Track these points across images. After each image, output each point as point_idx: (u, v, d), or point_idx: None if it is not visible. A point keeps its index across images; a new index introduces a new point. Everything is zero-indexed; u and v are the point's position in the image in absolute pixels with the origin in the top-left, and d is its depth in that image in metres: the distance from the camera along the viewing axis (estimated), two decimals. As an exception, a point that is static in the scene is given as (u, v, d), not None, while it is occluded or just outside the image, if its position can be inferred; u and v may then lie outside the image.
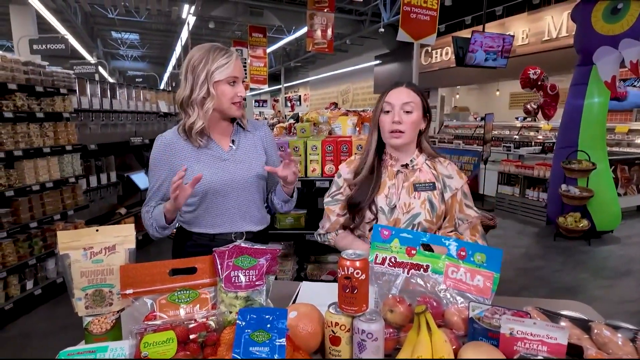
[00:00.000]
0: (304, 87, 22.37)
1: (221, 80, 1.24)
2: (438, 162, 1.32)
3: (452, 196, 1.26)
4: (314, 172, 1.79)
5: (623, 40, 3.83)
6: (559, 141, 4.80)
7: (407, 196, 1.25)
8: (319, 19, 9.30)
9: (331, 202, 1.36)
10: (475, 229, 1.27)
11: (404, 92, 1.25)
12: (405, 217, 1.24)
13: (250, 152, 1.38)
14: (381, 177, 1.29)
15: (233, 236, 1.34)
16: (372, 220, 1.26)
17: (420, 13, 5.08)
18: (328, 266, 1.92)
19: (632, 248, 4.22)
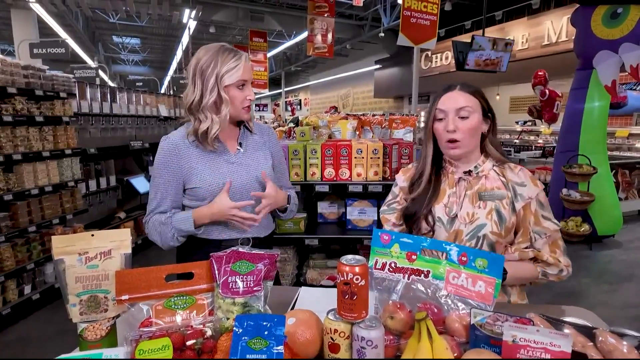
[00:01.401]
0: (305, 92, 22.43)
1: (231, 84, 1.22)
2: (508, 168, 1.17)
3: (524, 206, 1.12)
4: (313, 176, 1.78)
5: (623, 45, 3.83)
6: (559, 145, 4.79)
7: (471, 205, 1.13)
8: (319, 24, 9.34)
9: (387, 211, 1.28)
10: (555, 244, 1.12)
11: (457, 96, 1.12)
12: (468, 229, 1.12)
13: (257, 155, 1.36)
14: (440, 185, 1.18)
15: (240, 242, 1.32)
16: (429, 232, 1.16)
17: (420, 18, 5.10)
18: (328, 271, 1.91)
19: (634, 253, 4.20)
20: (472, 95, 1.13)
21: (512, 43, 6.69)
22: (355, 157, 1.77)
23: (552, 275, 1.11)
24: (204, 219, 1.25)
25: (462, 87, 1.14)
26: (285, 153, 1.75)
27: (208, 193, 1.25)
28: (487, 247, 1.10)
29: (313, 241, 1.76)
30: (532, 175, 1.15)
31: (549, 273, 1.10)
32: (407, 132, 2.22)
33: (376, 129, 2.57)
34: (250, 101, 1.27)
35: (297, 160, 1.75)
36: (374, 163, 1.78)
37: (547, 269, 1.10)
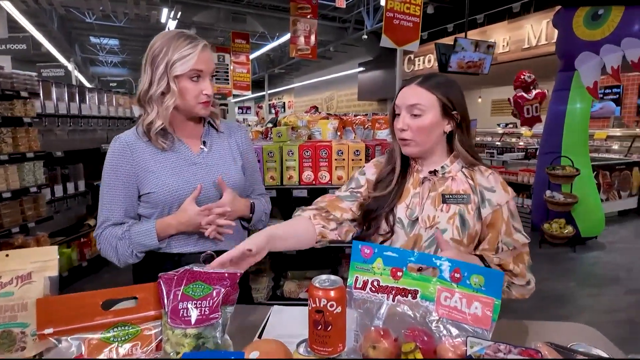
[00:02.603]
0: (289, 94, 22.29)
1: (183, 74, 1.07)
2: (478, 171, 1.07)
3: (492, 213, 1.02)
4: (290, 179, 1.64)
5: (604, 46, 3.83)
6: (542, 147, 4.78)
7: (433, 208, 1.03)
8: (302, 25, 9.25)
9: (348, 197, 1.13)
10: (520, 258, 1.01)
11: (411, 92, 1.03)
12: (428, 233, 1.03)
13: (224, 156, 1.21)
14: (405, 184, 1.09)
15: (202, 259, 1.17)
16: (387, 233, 1.06)
17: (403, 19, 5.04)
18: (306, 282, 1.76)
19: (617, 254, 4.20)
20: (429, 91, 1.02)
21: (494, 45, 6.72)
22: (335, 159, 1.64)
23: (517, 287, 0.99)
24: (169, 230, 1.10)
25: (421, 81, 1.04)
26: (260, 155, 1.61)
27: (164, 199, 1.10)
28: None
29: (290, 251, 1.63)
30: (503, 181, 1.06)
31: (515, 284, 0.99)
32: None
33: (358, 129, 2.46)
34: (208, 97, 1.12)
35: (272, 163, 1.61)
36: (356, 165, 1.66)
37: (514, 279, 0.98)
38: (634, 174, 5.70)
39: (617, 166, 5.56)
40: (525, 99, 5.61)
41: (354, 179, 1.18)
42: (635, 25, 3.57)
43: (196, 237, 1.15)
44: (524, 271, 1.00)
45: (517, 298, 1.02)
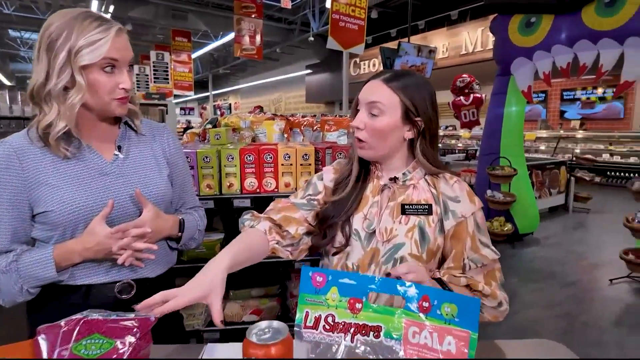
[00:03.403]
0: (235, 95, 21.73)
1: (92, 64, 0.85)
2: (442, 178, 0.96)
3: (456, 226, 0.92)
4: (230, 187, 1.46)
5: (536, 52, 4.04)
6: (482, 148, 4.97)
7: (391, 220, 0.92)
8: (246, 25, 9.01)
9: (305, 205, 0.99)
10: (492, 276, 0.92)
11: (374, 88, 0.92)
12: (385, 248, 0.91)
13: (146, 163, 1.01)
14: (364, 191, 0.97)
15: (117, 290, 0.96)
16: (342, 246, 0.94)
17: (348, 22, 5.04)
18: (252, 302, 1.58)
19: (551, 249, 4.46)
20: (393, 91, 0.91)
21: (435, 50, 6.95)
22: (282, 164, 1.49)
23: (489, 309, 0.89)
24: (72, 257, 0.88)
25: (388, 78, 0.92)
26: (194, 160, 1.41)
27: (66, 219, 0.88)
28: None
29: (232, 268, 1.44)
30: (470, 190, 0.95)
31: (486, 305, 0.89)
32: (341, 134, 2.01)
33: (307, 131, 2.32)
34: (126, 91, 0.92)
35: (208, 169, 1.41)
36: (305, 170, 1.52)
37: (484, 300, 0.88)
38: (562, 173, 6.15)
39: (548, 165, 5.96)
40: (462, 103, 5.84)
41: (312, 184, 1.05)
42: (562, 33, 3.80)
43: (108, 264, 0.94)
44: (496, 291, 0.90)
45: (490, 321, 0.92)
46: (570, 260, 4.10)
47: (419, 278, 0.76)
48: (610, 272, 3.62)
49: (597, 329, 2.71)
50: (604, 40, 3.44)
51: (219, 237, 1.55)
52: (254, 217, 0.99)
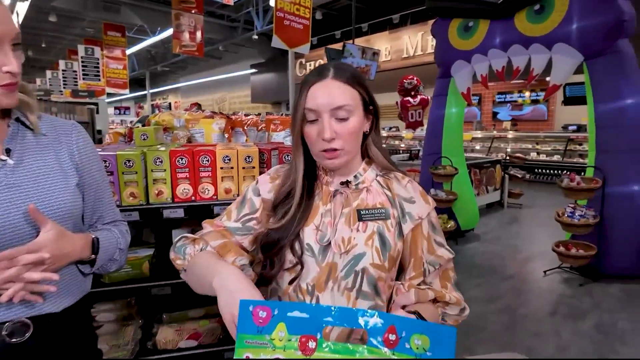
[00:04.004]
0: (175, 94, 20.73)
1: None
2: (394, 178, 0.90)
3: (413, 229, 0.86)
4: (160, 195, 1.26)
5: (474, 56, 4.21)
6: (425, 148, 5.10)
7: (348, 228, 0.83)
8: (186, 20, 8.57)
9: (240, 230, 0.87)
10: (446, 277, 0.88)
11: (332, 89, 0.81)
12: (343, 261, 0.81)
13: (46, 170, 0.81)
14: (312, 201, 0.87)
15: (5, 332, 0.75)
16: (295, 265, 0.82)
17: (293, 21, 4.94)
18: (189, 325, 1.38)
19: (490, 244, 4.67)
20: (350, 85, 0.83)
21: (379, 53, 7.06)
22: (221, 168, 1.33)
23: (452, 316, 0.86)
24: None
25: (336, 73, 0.83)
26: (113, 165, 1.20)
27: None
28: (368, 286, 0.81)
29: (164, 289, 1.25)
30: (423, 190, 0.90)
31: (449, 314, 0.85)
32: (288, 134, 1.88)
33: (251, 131, 2.17)
34: (13, 76, 0.72)
35: (132, 175, 1.21)
36: (248, 174, 1.37)
37: (447, 309, 0.85)
38: (497, 171, 6.52)
39: (484, 164, 6.28)
40: (411, 104, 5.98)
41: (247, 201, 0.90)
42: (497, 38, 3.98)
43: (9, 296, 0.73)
44: (460, 300, 0.85)
45: (452, 324, 0.88)
46: (508, 254, 4.31)
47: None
48: (543, 264, 3.85)
49: (536, 320, 2.83)
50: (535, 46, 3.65)
51: (148, 254, 1.34)
52: (195, 241, 0.86)
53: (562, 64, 3.52)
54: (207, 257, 0.80)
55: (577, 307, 3.03)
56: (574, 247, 3.48)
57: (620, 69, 3.28)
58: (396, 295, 0.83)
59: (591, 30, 3.31)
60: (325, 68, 0.83)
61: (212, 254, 0.82)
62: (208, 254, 0.82)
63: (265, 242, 0.83)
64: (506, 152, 8.37)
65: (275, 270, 0.83)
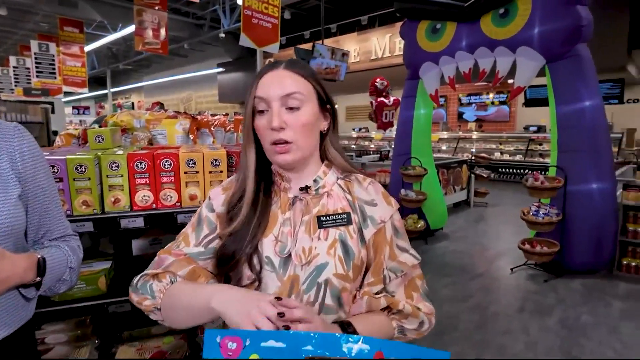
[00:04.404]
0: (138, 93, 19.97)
1: None
2: (355, 181, 0.85)
3: (376, 233, 0.80)
4: (116, 204, 1.15)
5: (442, 58, 4.27)
6: (395, 149, 5.14)
7: (308, 237, 0.77)
8: (149, 17, 8.26)
9: (202, 255, 0.79)
10: (412, 286, 0.82)
11: (283, 77, 0.77)
12: (305, 273, 0.75)
13: None
14: (269, 209, 0.80)
15: None
16: (253, 282, 0.75)
17: (262, 19, 4.84)
18: (151, 344, 1.27)
19: (459, 242, 4.76)
20: (303, 77, 0.78)
21: (348, 54, 7.07)
22: (185, 172, 1.23)
23: (411, 330, 0.80)
24: None
25: (289, 64, 0.79)
26: (63, 171, 1.08)
27: None
28: (331, 299, 0.75)
29: (123, 306, 1.13)
30: (385, 191, 0.86)
31: (406, 328, 0.79)
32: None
33: (218, 132, 2.06)
34: None
35: (84, 182, 1.09)
36: (216, 179, 1.28)
37: (404, 323, 0.79)
38: (464, 171, 6.67)
39: (452, 164, 6.41)
40: (385, 104, 6.03)
41: (203, 220, 0.83)
42: (464, 41, 4.06)
43: None
44: (418, 306, 0.80)
45: (415, 338, 0.82)
46: (476, 252, 4.41)
47: (311, 329, 0.62)
48: (510, 261, 3.96)
49: (506, 318, 2.89)
50: (500, 49, 3.75)
51: (104, 267, 1.22)
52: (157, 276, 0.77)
53: (526, 67, 3.63)
54: (188, 286, 0.73)
55: (543, 303, 3.12)
56: (538, 245, 3.60)
57: (579, 72, 3.41)
58: (352, 304, 0.79)
59: (552, 34, 3.43)
60: (278, 61, 0.80)
61: (189, 283, 0.75)
62: (185, 283, 0.75)
63: (221, 255, 0.77)
64: (471, 152, 8.62)
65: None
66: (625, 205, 3.53)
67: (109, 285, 1.19)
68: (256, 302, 0.61)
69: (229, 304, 0.63)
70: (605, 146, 3.50)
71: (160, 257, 0.80)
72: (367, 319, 0.76)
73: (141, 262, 1.44)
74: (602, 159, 3.44)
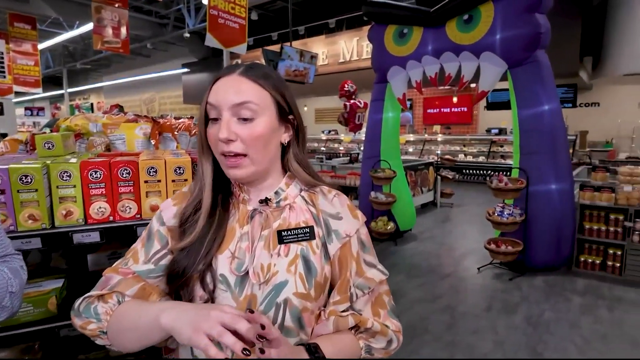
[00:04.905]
0: (97, 94, 19.09)
1: None
2: (320, 193, 0.80)
3: (342, 248, 0.76)
4: (68, 217, 1.05)
5: (409, 62, 4.33)
6: (365, 152, 5.16)
7: (267, 253, 0.72)
8: (108, 14, 7.94)
9: (152, 273, 0.72)
10: (380, 303, 0.79)
11: (235, 84, 0.70)
12: (263, 293, 0.70)
13: None
14: (227, 222, 0.74)
15: None
16: (206, 301, 0.69)
17: (228, 19, 4.75)
18: (112, 367, 1.19)
19: (426, 243, 4.84)
20: (260, 85, 0.72)
21: (317, 57, 7.06)
22: (146, 181, 1.14)
23: (379, 350, 0.78)
24: None
25: (245, 70, 0.72)
26: (5, 182, 0.97)
27: None
28: (291, 320, 0.71)
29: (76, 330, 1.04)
30: (351, 204, 0.82)
31: (374, 347, 0.77)
32: (223, 141, 1.72)
33: (182, 136, 1.96)
34: None
35: (30, 194, 0.98)
36: (179, 188, 1.20)
37: (372, 342, 0.76)
38: (430, 172, 6.82)
39: (419, 166, 6.53)
40: (358, 106, 6.06)
41: (153, 235, 0.76)
42: (430, 45, 4.14)
43: None
44: (386, 324, 0.77)
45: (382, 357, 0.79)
46: (444, 253, 4.50)
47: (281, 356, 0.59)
48: (477, 260, 4.06)
49: (474, 317, 2.95)
50: (465, 54, 3.84)
51: (55, 286, 1.11)
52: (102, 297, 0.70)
53: (489, 72, 3.74)
54: (136, 305, 0.67)
55: (509, 301, 3.21)
56: (503, 244, 3.71)
57: (539, 77, 3.55)
58: (316, 324, 0.75)
59: (513, 41, 3.55)
60: (236, 65, 0.73)
61: (137, 301, 0.68)
62: (132, 302, 0.68)
63: (171, 271, 0.70)
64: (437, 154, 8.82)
65: None
66: (582, 205, 3.71)
67: (61, 306, 1.09)
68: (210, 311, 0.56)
69: (180, 318, 0.57)
70: (564, 148, 3.67)
71: (106, 277, 0.73)
72: (333, 339, 0.72)
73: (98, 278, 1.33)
74: (560, 161, 3.60)
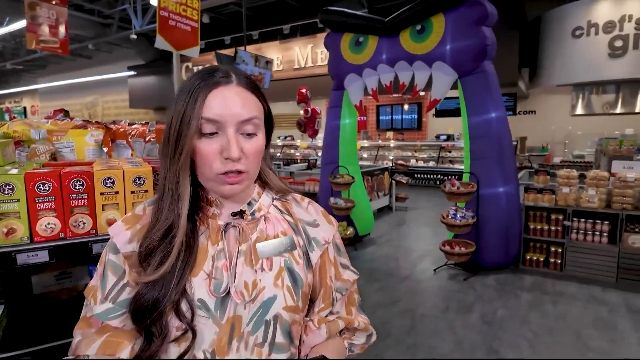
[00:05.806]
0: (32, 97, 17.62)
1: None
2: (293, 201, 0.78)
3: (322, 255, 0.76)
4: (11, 235, 0.92)
5: (365, 70, 4.42)
6: (323, 158, 5.18)
7: (251, 269, 0.67)
8: (44, 12, 7.34)
9: (113, 312, 0.64)
10: (351, 301, 0.81)
11: (239, 96, 0.65)
12: (250, 312, 0.65)
13: None
14: (197, 242, 0.67)
15: None
16: (185, 333, 0.62)
17: (180, 21, 4.57)
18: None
19: (385, 247, 4.94)
20: (256, 95, 0.69)
21: (272, 62, 7.01)
22: (102, 194, 1.04)
23: (357, 346, 0.79)
24: None
25: (242, 79, 0.68)
26: None
27: None
28: (282, 336, 0.67)
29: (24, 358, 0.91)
30: (324, 210, 0.82)
31: (355, 344, 0.78)
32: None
33: (137, 143, 1.84)
34: None
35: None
36: (139, 200, 1.11)
37: (354, 339, 0.78)
38: (385, 177, 6.99)
39: (375, 172, 6.67)
40: (317, 112, 6.10)
41: (107, 266, 0.67)
42: (384, 54, 4.25)
43: None
44: (367, 326, 0.80)
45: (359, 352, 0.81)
46: (401, 255, 4.61)
47: None
48: (432, 262, 4.20)
49: (433, 319, 3.03)
50: (418, 63, 3.99)
51: (-6, 315, 0.98)
52: None
53: (441, 81, 3.90)
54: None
55: (464, 300, 3.34)
56: (457, 246, 3.87)
57: (487, 86, 3.77)
58: (305, 335, 0.73)
59: (463, 51, 3.74)
60: (221, 71, 0.67)
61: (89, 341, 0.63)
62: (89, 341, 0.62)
63: (137, 307, 0.62)
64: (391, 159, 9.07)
65: (156, 345, 0.61)
66: (527, 206, 3.97)
67: (1, 337, 0.96)
68: None
69: None
70: (509, 153, 3.91)
71: (74, 335, 0.66)
72: (328, 347, 0.72)
73: (45, 302, 1.20)
74: (507, 165, 3.83)
